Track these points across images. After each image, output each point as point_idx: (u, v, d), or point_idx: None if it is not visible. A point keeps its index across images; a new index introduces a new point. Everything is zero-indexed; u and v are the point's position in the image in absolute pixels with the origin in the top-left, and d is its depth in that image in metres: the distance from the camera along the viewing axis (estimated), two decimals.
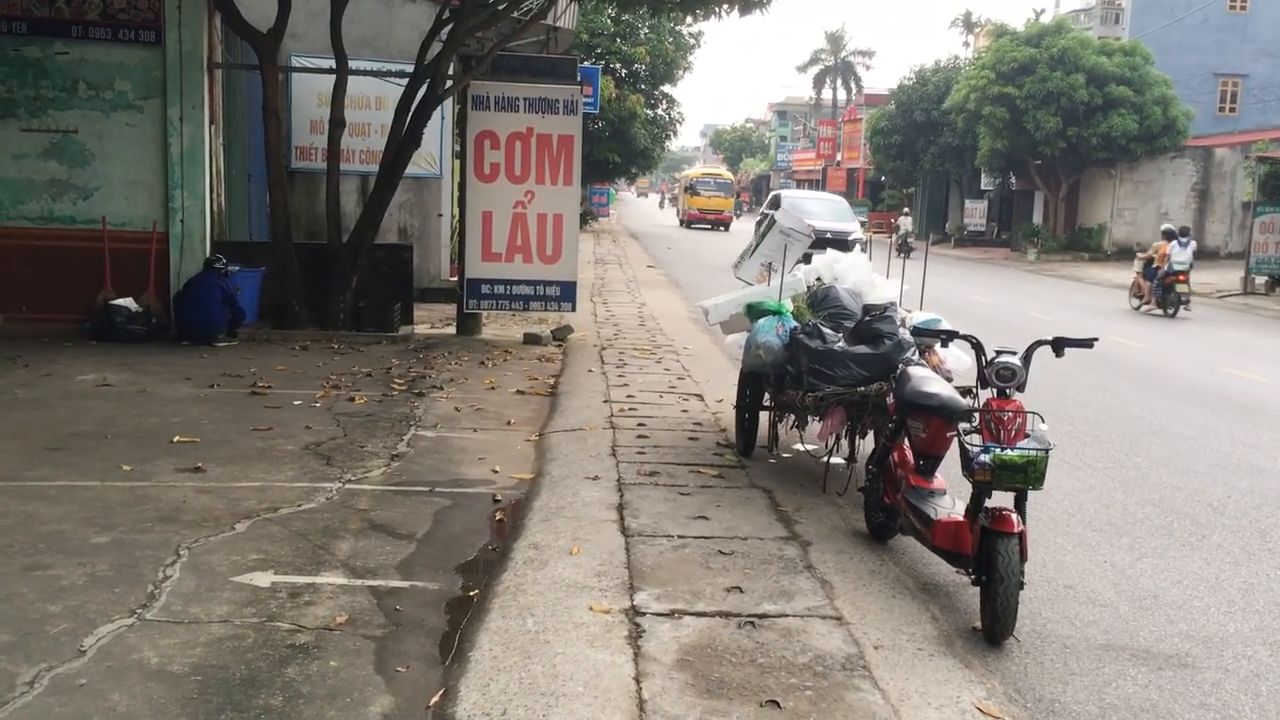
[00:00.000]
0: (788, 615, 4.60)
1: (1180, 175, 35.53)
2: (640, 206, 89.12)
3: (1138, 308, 20.74)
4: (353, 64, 12.29)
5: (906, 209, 43.78)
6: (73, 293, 11.29)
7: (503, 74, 12.00)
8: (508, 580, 4.88)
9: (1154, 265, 20.28)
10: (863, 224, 31.33)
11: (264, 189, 12.76)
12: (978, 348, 5.21)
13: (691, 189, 54.13)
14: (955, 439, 5.00)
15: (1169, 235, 20.30)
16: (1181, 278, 19.48)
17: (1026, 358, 5.00)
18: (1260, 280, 24.80)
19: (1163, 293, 19.82)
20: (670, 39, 36.39)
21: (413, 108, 11.85)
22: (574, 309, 12.69)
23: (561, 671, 3.97)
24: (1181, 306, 19.70)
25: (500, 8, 12.31)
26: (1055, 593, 5.37)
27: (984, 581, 4.63)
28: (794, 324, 6.85)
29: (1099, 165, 35.66)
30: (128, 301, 11.05)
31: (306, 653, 4.08)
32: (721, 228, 49.60)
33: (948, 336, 5.72)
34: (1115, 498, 7.14)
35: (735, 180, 50.88)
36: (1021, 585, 4.56)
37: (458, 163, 13.32)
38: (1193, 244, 20.56)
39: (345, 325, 11.87)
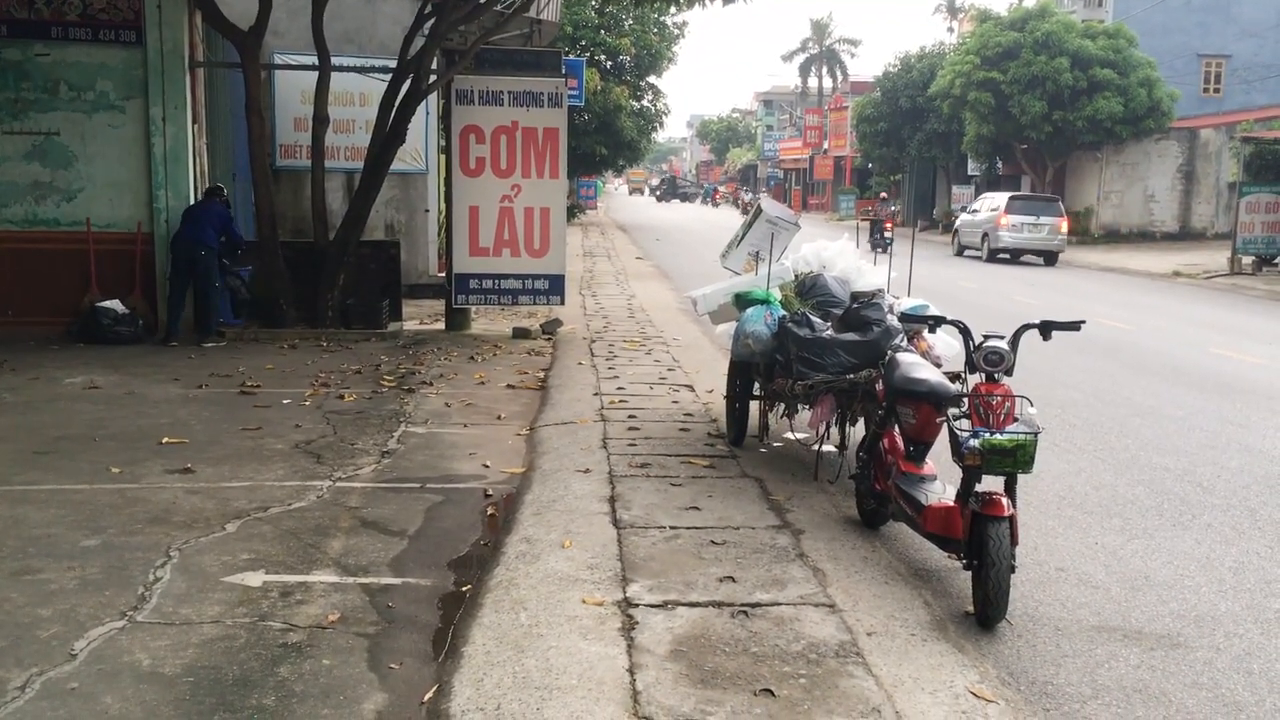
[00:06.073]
0: (781, 604, 4.60)
1: (1166, 157, 35.57)
2: (630, 203, 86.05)
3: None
4: (335, 60, 12.24)
5: (884, 195, 43.15)
6: (59, 295, 11.24)
7: (486, 68, 11.97)
8: (500, 575, 4.88)
9: None
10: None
11: (249, 188, 12.69)
12: (965, 333, 5.21)
13: None
14: (945, 424, 5.01)
15: None
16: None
17: (1014, 341, 5.02)
18: (1247, 260, 24.83)
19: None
20: (655, 30, 36.31)
21: (396, 103, 11.80)
22: (563, 302, 12.68)
23: (555, 665, 3.97)
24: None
25: (482, 1, 12.26)
26: (1046, 575, 5.39)
27: (975, 566, 4.64)
28: (782, 313, 6.85)
29: (1085, 148, 35.67)
30: (114, 303, 11.02)
31: (299, 651, 4.07)
32: None
33: (935, 322, 5.73)
34: (1105, 479, 7.16)
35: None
36: (1013, 569, 4.58)
37: (443, 158, 13.28)
38: None
39: (333, 323, 11.84)
